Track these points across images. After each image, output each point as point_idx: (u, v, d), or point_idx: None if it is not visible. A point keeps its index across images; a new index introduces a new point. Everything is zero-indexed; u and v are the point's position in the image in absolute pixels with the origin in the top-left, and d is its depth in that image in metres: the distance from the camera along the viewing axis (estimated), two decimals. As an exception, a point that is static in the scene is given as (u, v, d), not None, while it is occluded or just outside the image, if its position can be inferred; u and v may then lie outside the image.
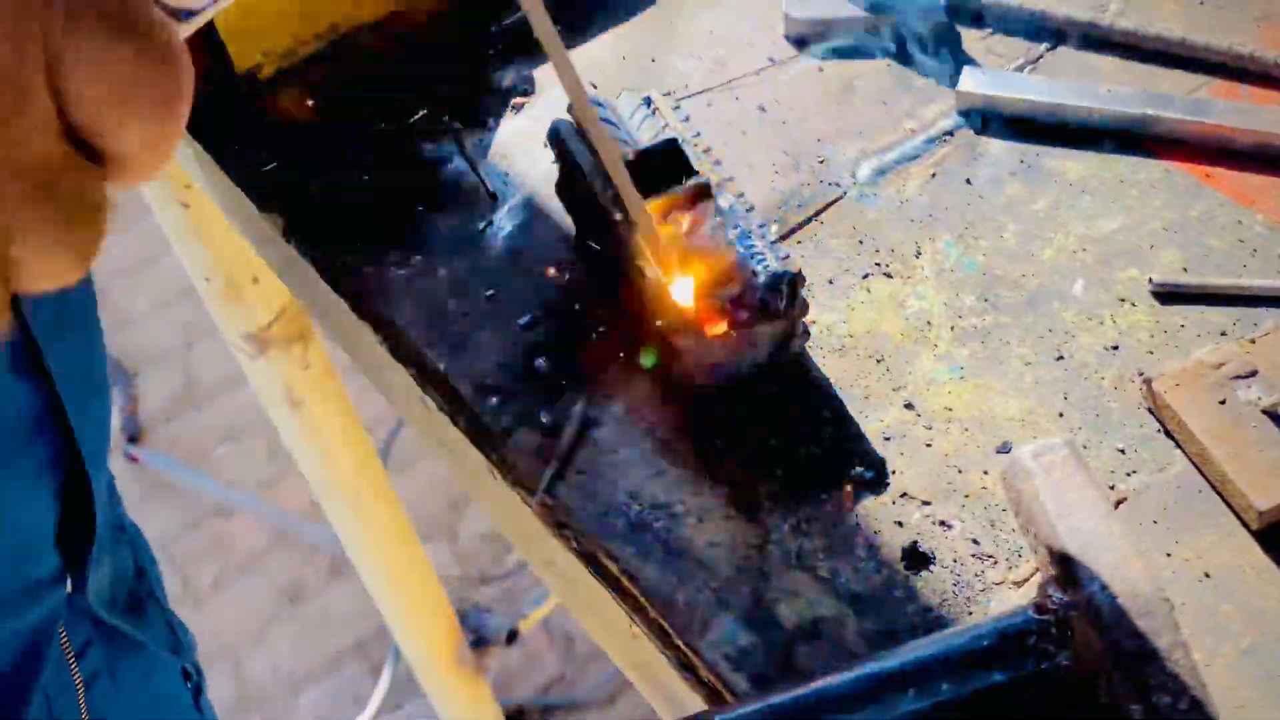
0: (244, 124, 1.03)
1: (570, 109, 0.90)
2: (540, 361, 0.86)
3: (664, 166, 0.84)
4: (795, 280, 0.79)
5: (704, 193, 0.82)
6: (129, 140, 0.40)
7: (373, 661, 2.42)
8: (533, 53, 1.04)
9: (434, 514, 2.60)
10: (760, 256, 0.80)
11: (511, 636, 2.12)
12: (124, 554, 0.92)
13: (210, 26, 0.98)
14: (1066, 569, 0.69)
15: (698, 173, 0.83)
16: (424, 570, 1.88)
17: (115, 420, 2.79)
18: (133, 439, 2.76)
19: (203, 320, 1.57)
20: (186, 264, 1.40)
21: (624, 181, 0.75)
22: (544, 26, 0.63)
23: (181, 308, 2.93)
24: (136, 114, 0.40)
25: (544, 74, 1.04)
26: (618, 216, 0.81)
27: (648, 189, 0.82)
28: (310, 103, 1.03)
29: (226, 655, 2.45)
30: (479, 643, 2.10)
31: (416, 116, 1.02)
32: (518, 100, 1.02)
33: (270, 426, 1.65)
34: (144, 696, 0.91)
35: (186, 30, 0.47)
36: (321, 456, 1.62)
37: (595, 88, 1.02)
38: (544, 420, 0.83)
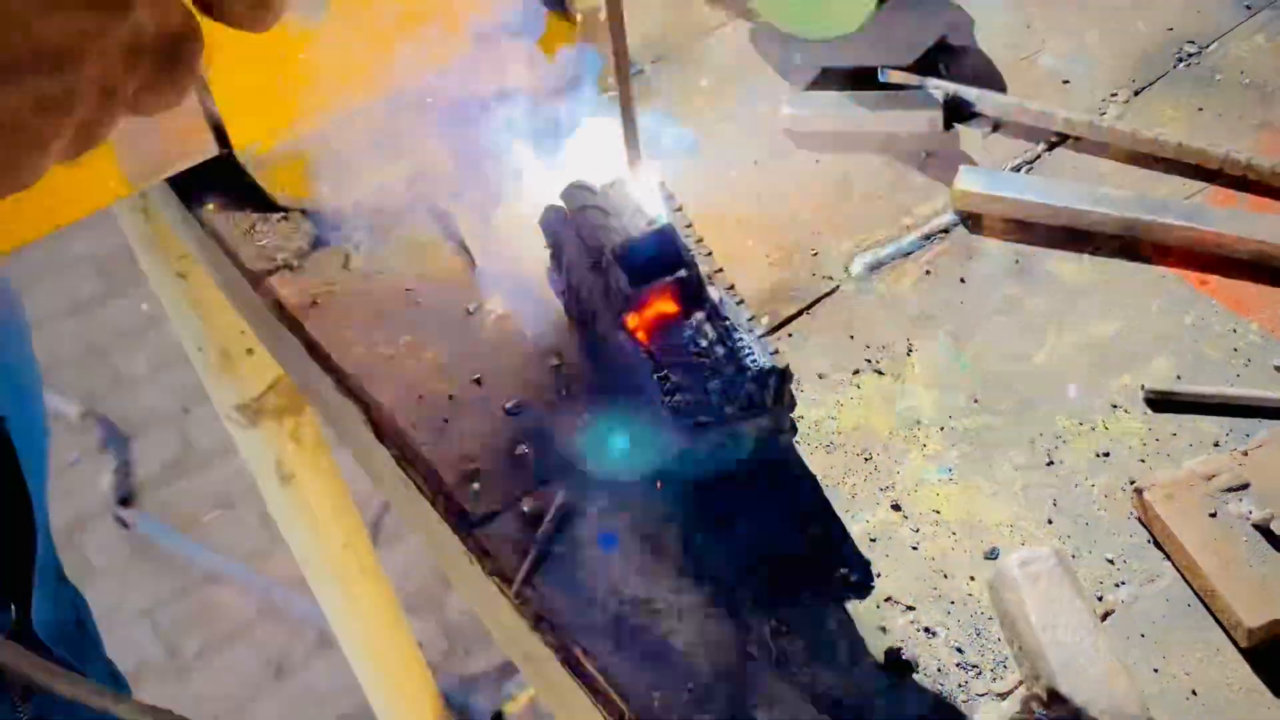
0: (241, 199, 1.02)
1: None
2: (523, 448, 0.85)
3: (656, 255, 0.83)
4: (783, 376, 0.78)
5: (695, 284, 0.82)
6: (232, 13, 0.51)
7: (356, 738, 2.38)
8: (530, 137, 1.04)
9: (422, 588, 2.57)
10: (748, 351, 0.79)
11: (496, 719, 2.08)
12: (66, 602, 0.92)
13: (210, 101, 0.98)
14: (1050, 684, 0.67)
15: (690, 264, 0.82)
16: (409, 650, 1.86)
17: (108, 483, 2.78)
18: (125, 502, 2.74)
19: (201, 386, 1.57)
20: (181, 334, 1.40)
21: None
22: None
23: (180, 372, 2.91)
24: None
25: (538, 156, 1.03)
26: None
27: (639, 278, 0.82)
28: (306, 179, 1.03)
29: (209, 727, 2.41)
30: (463, 724, 2.07)
31: (412, 195, 1.02)
32: (512, 182, 1.02)
33: (263, 496, 1.64)
34: None
35: None
36: (310, 532, 1.60)
37: (587, 174, 1.02)
38: (525, 509, 0.82)
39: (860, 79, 1.05)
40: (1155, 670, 0.72)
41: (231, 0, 0.50)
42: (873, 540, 0.79)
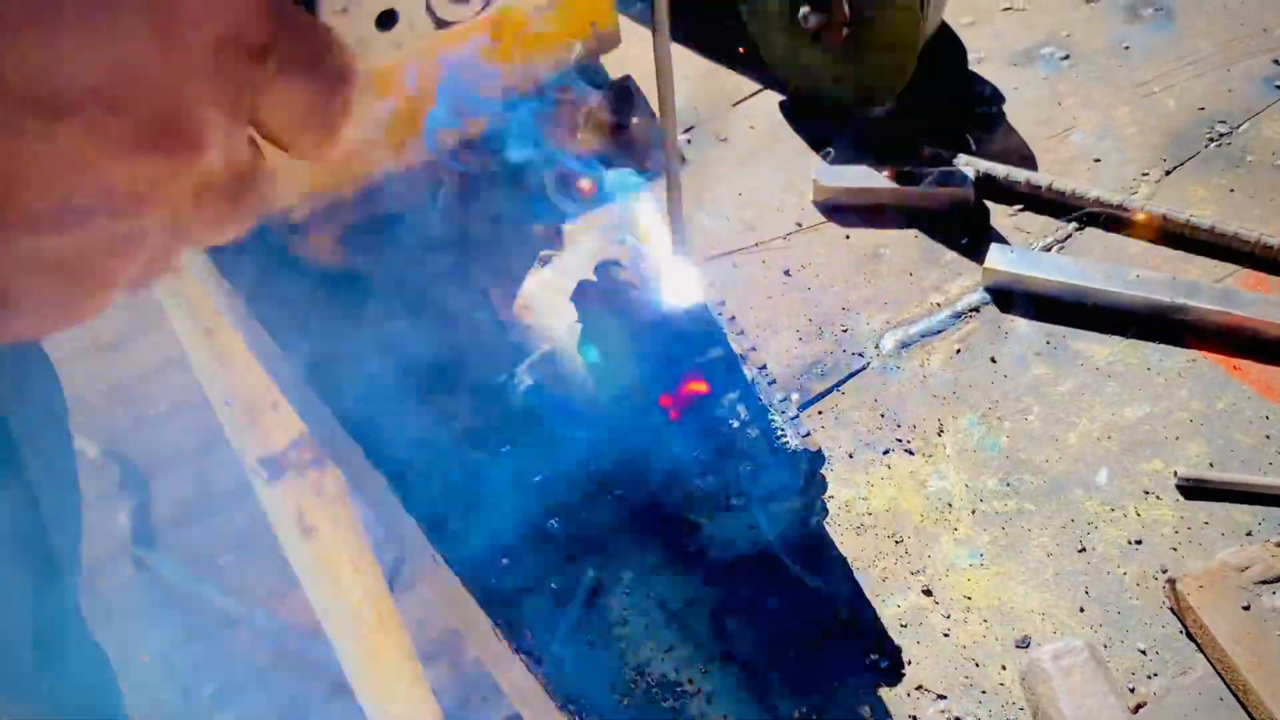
0: (275, 264, 1.03)
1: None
2: (553, 523, 0.85)
3: (690, 335, 0.84)
4: (815, 460, 0.78)
5: (728, 364, 0.82)
6: (297, 146, 0.51)
7: (369, 786, 2.37)
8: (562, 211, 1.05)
9: (438, 634, 2.57)
10: (780, 433, 0.79)
11: (511, 770, 2.07)
12: (90, 667, 0.92)
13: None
14: (1084, 782, 0.67)
15: (723, 343, 0.83)
16: (424, 700, 1.85)
17: (126, 523, 2.78)
18: (142, 543, 2.75)
19: (221, 426, 1.59)
20: (207, 387, 1.40)
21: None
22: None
23: (199, 413, 2.92)
24: (306, 132, 0.50)
25: (572, 228, 1.04)
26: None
27: (671, 357, 0.82)
28: (340, 246, 1.04)
29: (221, 772, 2.41)
30: (477, 775, 2.06)
31: (445, 264, 1.02)
32: (545, 253, 1.03)
33: (282, 547, 1.64)
34: None
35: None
36: (329, 583, 1.60)
37: (624, 242, 1.03)
38: (553, 585, 0.82)
39: (891, 152, 1.06)
40: (1188, 766, 0.72)
41: (298, 135, 0.50)
42: (904, 625, 0.79)
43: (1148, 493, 0.84)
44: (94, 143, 0.42)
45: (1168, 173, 1.03)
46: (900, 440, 0.89)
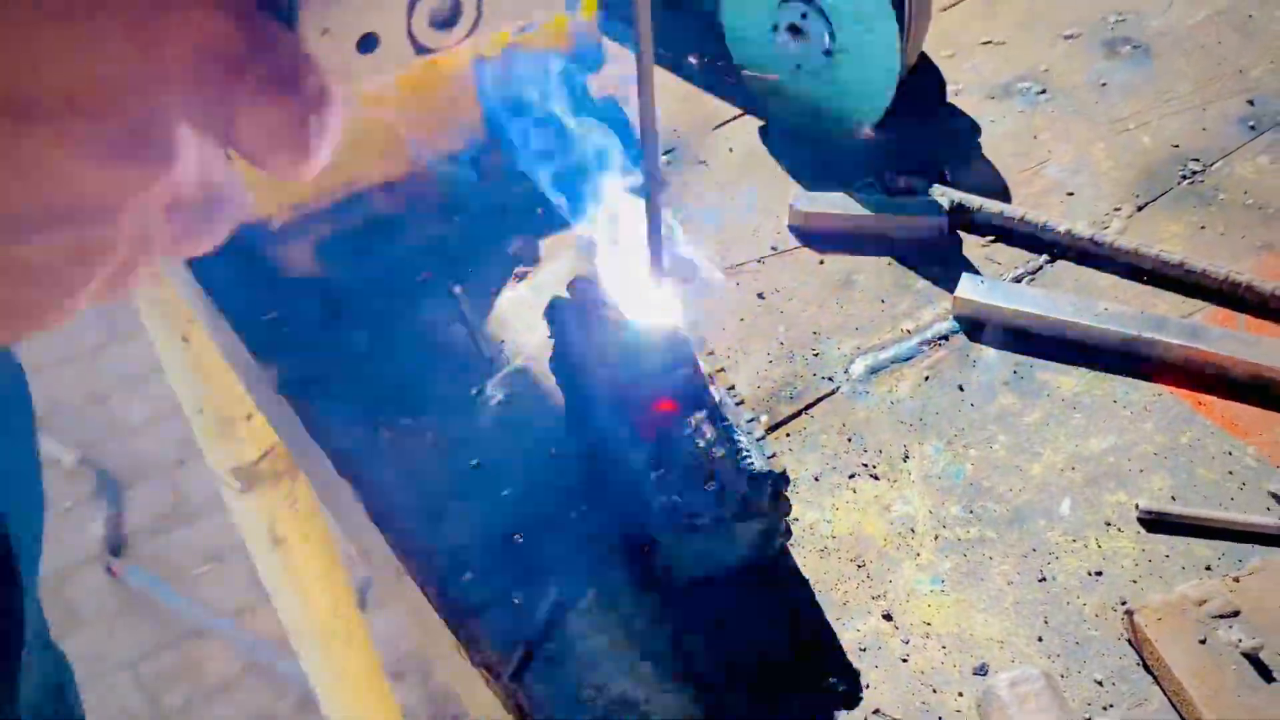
0: (251, 272, 1.03)
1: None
2: (518, 538, 0.85)
3: (659, 354, 0.84)
4: (779, 481, 0.79)
5: (696, 384, 0.82)
6: (272, 165, 0.51)
7: (334, 803, 2.36)
8: (538, 223, 1.05)
9: (410, 652, 2.56)
10: (745, 453, 0.80)
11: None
12: (49, 669, 0.92)
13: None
14: (1035, 809, 0.67)
15: (692, 363, 0.83)
16: (392, 718, 1.85)
17: (99, 532, 2.77)
18: (115, 552, 2.73)
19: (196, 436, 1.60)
20: (180, 395, 1.40)
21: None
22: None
23: (176, 423, 2.91)
24: (279, 152, 0.50)
25: (548, 244, 1.05)
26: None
27: (641, 375, 0.83)
28: (317, 256, 1.04)
29: (186, 785, 2.39)
30: (443, 794, 2.05)
31: (421, 277, 1.03)
32: (520, 269, 1.03)
33: (252, 558, 1.64)
34: None
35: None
36: (298, 596, 1.60)
37: (595, 263, 1.03)
38: (516, 600, 0.82)
39: (867, 180, 1.06)
40: (1141, 797, 0.72)
41: (274, 154, 0.50)
42: (863, 650, 0.79)
43: (1109, 524, 0.84)
44: (65, 148, 0.42)
45: (1140, 208, 1.04)
46: (866, 465, 0.89)
